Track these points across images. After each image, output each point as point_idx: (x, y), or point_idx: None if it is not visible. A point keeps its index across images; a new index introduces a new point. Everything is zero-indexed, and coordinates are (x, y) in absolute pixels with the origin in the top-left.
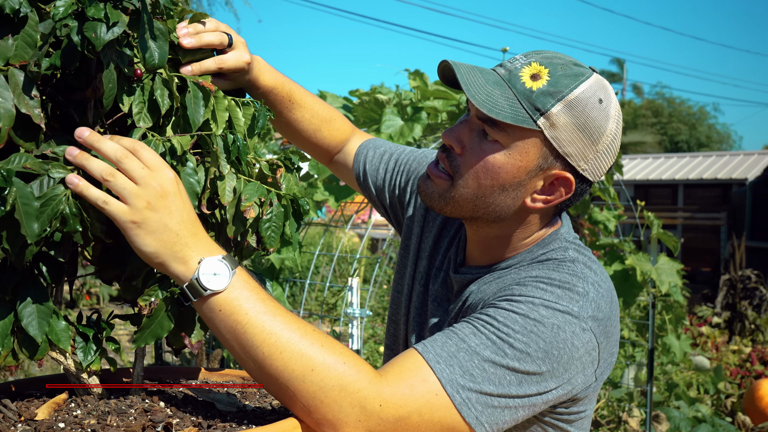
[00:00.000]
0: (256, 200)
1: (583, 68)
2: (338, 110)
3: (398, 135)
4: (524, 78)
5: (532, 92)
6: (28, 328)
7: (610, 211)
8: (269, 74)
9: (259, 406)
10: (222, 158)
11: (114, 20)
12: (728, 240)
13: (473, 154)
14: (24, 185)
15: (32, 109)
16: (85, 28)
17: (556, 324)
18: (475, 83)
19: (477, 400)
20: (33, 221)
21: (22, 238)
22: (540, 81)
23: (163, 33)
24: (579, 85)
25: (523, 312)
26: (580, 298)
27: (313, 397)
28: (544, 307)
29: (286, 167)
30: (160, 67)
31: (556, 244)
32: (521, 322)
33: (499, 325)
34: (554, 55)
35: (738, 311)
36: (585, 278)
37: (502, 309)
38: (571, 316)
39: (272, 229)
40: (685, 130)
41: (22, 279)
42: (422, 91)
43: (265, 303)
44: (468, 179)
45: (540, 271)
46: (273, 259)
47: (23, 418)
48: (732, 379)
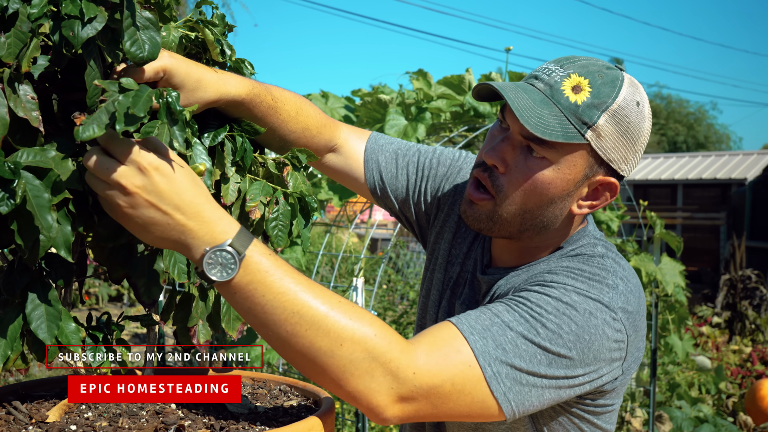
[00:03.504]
0: (262, 199)
1: (615, 71)
2: (341, 110)
3: (402, 135)
4: (567, 92)
5: (578, 107)
6: (38, 331)
7: (613, 211)
8: (234, 81)
9: (270, 408)
10: (228, 160)
11: (90, 15)
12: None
13: (519, 173)
14: (34, 178)
15: (30, 113)
16: (63, 26)
17: (588, 309)
18: (525, 107)
19: (507, 374)
20: (47, 212)
21: (35, 232)
22: (582, 93)
23: (153, 22)
24: (619, 92)
25: (556, 296)
26: (610, 290)
27: (343, 371)
28: (576, 293)
29: (293, 165)
30: (150, 60)
31: (584, 241)
32: (554, 304)
33: (532, 305)
34: (588, 61)
35: (738, 311)
36: (614, 272)
37: (534, 292)
38: (602, 305)
39: (279, 228)
40: (683, 130)
41: (30, 281)
42: (425, 92)
43: (282, 281)
44: (515, 197)
45: (570, 263)
46: None
47: (34, 420)
48: (733, 379)
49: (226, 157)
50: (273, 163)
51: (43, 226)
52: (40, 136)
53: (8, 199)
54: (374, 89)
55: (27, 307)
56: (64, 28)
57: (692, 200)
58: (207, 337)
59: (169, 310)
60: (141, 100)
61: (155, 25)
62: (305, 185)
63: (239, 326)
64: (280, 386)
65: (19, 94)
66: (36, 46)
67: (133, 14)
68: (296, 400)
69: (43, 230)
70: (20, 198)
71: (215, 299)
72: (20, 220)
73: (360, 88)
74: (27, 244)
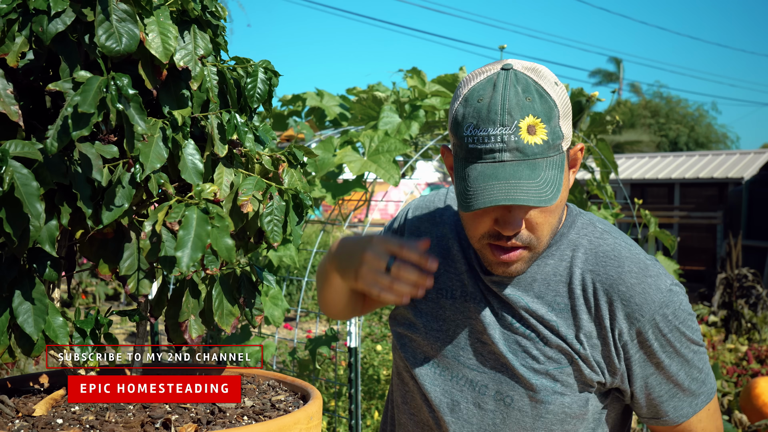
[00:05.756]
0: (257, 195)
1: (524, 80)
2: (336, 108)
3: (395, 132)
4: (530, 140)
5: (546, 142)
6: (24, 325)
7: (608, 209)
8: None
9: (258, 402)
10: (217, 139)
11: (58, 9)
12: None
13: (536, 217)
14: (22, 166)
15: (8, 107)
16: (33, 21)
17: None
18: (526, 194)
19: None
20: (35, 200)
21: (24, 221)
22: (539, 129)
23: (130, 14)
24: (550, 96)
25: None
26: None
27: None
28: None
29: (289, 162)
30: (127, 52)
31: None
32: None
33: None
34: (501, 96)
35: (734, 310)
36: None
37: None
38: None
39: (274, 223)
40: (683, 131)
41: (18, 275)
42: (419, 90)
43: None
44: (543, 235)
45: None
46: (271, 257)
47: (21, 414)
48: (728, 378)
49: (215, 136)
50: (269, 159)
51: (32, 214)
52: (20, 130)
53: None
54: (369, 87)
55: (14, 301)
56: (33, 24)
57: (689, 199)
58: (200, 332)
59: (159, 305)
60: (90, 95)
61: (132, 17)
62: (301, 182)
63: (233, 321)
64: (269, 381)
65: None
66: (24, 42)
67: (105, 7)
68: (284, 395)
69: (33, 218)
70: (8, 185)
71: (207, 295)
72: (9, 208)
73: (355, 87)
74: (16, 233)
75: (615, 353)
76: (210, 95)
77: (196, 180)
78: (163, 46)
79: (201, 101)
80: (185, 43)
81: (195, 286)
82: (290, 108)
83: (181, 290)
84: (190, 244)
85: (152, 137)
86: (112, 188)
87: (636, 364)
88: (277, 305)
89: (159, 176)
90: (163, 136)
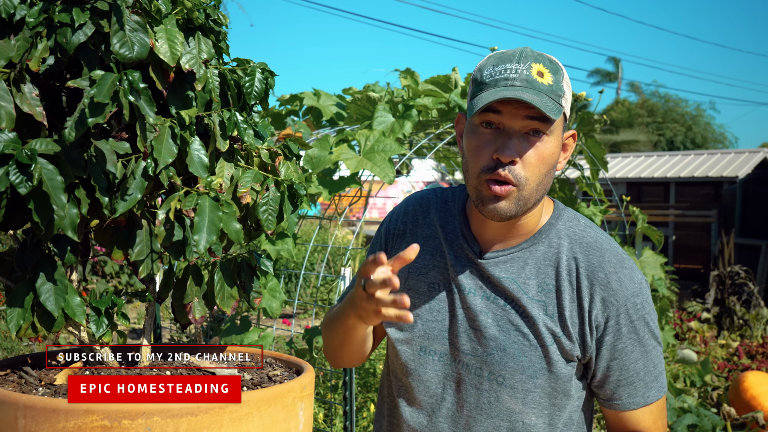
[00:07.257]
0: (255, 186)
1: (543, 54)
2: (332, 108)
3: (389, 131)
4: (539, 79)
5: (551, 86)
6: (46, 303)
7: (597, 206)
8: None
9: (256, 377)
10: (218, 135)
11: (80, 22)
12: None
13: (531, 156)
14: (48, 163)
15: (34, 108)
16: (57, 33)
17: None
18: (535, 101)
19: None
20: (60, 193)
21: (50, 211)
22: (546, 75)
23: (141, 25)
24: (559, 66)
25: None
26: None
27: None
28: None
29: (285, 155)
30: (138, 58)
31: (564, 212)
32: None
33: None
34: (521, 52)
35: (727, 306)
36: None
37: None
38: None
39: (269, 212)
40: (681, 130)
41: (40, 258)
42: (413, 89)
43: None
44: (532, 177)
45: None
46: (269, 250)
47: (43, 383)
48: (719, 373)
49: (216, 132)
50: (267, 153)
51: (58, 205)
52: (44, 129)
53: (26, 182)
54: (365, 87)
55: (37, 281)
56: (58, 35)
57: (685, 198)
58: (203, 313)
59: (166, 288)
60: (105, 87)
61: (144, 27)
62: (296, 174)
63: (233, 303)
64: (266, 359)
65: (24, 92)
66: (45, 48)
67: (120, 19)
68: (280, 371)
69: (58, 209)
70: (37, 180)
71: (209, 279)
72: (37, 200)
73: (351, 87)
74: (43, 222)
75: (589, 332)
76: (212, 95)
77: (202, 173)
78: (171, 51)
79: (204, 101)
80: (190, 48)
81: (198, 271)
82: (288, 107)
83: (186, 275)
84: (205, 228)
85: (162, 135)
86: (126, 180)
87: (604, 346)
88: (275, 297)
89: (169, 170)
90: (172, 133)
